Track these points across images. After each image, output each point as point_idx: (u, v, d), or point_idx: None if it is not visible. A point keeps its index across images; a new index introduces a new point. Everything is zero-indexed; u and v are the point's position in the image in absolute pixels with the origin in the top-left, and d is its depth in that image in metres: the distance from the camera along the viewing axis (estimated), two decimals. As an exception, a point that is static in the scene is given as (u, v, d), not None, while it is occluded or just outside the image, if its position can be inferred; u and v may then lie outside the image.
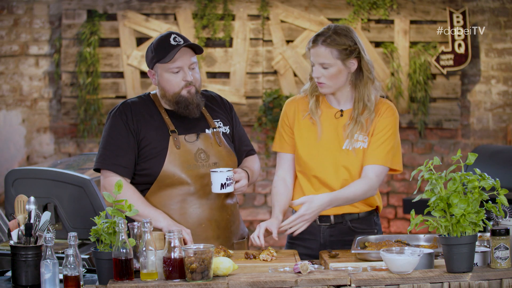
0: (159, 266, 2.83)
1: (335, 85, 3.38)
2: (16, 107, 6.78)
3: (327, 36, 3.34)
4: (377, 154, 3.38)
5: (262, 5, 6.66)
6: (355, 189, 3.35)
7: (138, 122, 3.35)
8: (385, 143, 3.39)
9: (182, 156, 3.34)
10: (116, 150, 3.33)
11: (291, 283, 2.77)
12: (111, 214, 2.83)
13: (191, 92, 3.33)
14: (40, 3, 6.74)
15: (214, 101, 3.54)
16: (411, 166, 6.82)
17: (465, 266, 2.80)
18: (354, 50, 3.35)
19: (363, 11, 6.65)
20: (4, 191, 4.29)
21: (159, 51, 3.32)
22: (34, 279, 2.82)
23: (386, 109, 3.44)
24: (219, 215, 3.40)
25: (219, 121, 3.48)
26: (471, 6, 6.76)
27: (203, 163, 3.37)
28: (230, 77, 6.67)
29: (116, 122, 3.36)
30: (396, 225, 6.84)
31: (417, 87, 6.66)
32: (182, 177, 3.34)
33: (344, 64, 3.35)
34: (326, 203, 3.30)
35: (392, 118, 3.44)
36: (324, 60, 3.33)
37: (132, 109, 3.37)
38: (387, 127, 3.41)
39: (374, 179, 3.36)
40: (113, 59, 6.67)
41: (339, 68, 3.35)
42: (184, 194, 3.36)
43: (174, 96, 3.33)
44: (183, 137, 3.37)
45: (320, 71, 3.35)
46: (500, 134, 6.84)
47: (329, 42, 3.33)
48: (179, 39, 3.31)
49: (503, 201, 2.85)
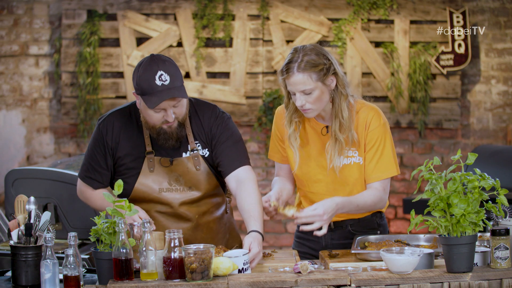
0: (159, 266, 2.83)
1: (320, 107, 3.26)
2: (16, 107, 6.78)
3: (300, 62, 3.19)
4: (378, 169, 3.32)
5: (262, 5, 6.66)
6: (364, 198, 3.31)
7: (117, 140, 3.30)
8: (382, 156, 3.31)
9: (155, 179, 3.30)
10: (95, 165, 3.33)
11: (291, 283, 2.77)
12: (111, 214, 2.83)
13: (172, 127, 3.21)
14: (40, 3, 6.74)
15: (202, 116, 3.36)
16: (411, 166, 6.82)
17: (465, 266, 2.80)
18: (329, 67, 3.22)
19: (363, 11, 6.65)
20: (4, 191, 4.29)
21: (143, 86, 3.14)
22: (34, 279, 2.82)
23: (372, 118, 3.31)
24: (192, 235, 3.33)
25: (198, 143, 3.33)
26: (471, 6, 6.76)
27: (177, 187, 3.31)
28: (230, 77, 6.67)
29: (98, 136, 3.33)
30: (396, 225, 6.84)
31: (417, 87, 6.65)
32: (153, 198, 3.31)
33: (325, 84, 3.22)
34: (341, 203, 3.21)
35: (379, 127, 3.31)
36: (305, 87, 3.19)
37: (114, 125, 3.31)
38: (379, 139, 3.31)
39: (382, 192, 3.34)
40: (113, 59, 6.67)
41: (321, 90, 3.22)
42: (154, 211, 3.33)
43: (155, 128, 3.22)
44: (158, 159, 3.30)
45: (303, 99, 3.21)
46: (500, 134, 6.84)
47: (304, 67, 3.18)
48: (165, 77, 3.12)
49: (503, 201, 2.85)
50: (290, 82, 3.22)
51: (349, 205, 3.27)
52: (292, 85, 3.22)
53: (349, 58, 6.64)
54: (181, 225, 3.31)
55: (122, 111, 3.36)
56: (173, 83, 3.13)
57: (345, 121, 3.27)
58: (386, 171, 3.32)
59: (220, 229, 3.46)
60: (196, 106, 3.37)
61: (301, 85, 3.20)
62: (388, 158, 3.32)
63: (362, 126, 3.32)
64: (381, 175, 3.32)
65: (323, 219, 3.15)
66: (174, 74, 3.15)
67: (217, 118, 3.35)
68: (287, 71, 3.21)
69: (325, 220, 3.15)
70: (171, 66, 3.16)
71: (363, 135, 3.32)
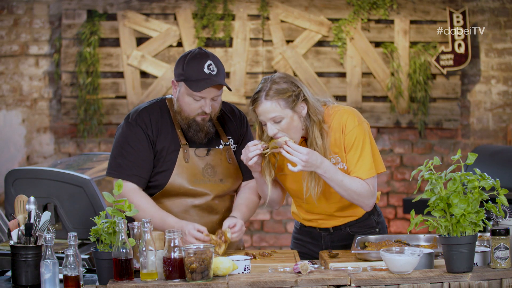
0: (159, 266, 2.83)
1: (294, 135, 3.22)
2: (16, 107, 6.78)
3: (268, 90, 3.17)
4: (360, 170, 3.27)
5: (262, 5, 6.66)
6: (351, 180, 3.24)
7: (156, 134, 3.34)
8: (362, 156, 3.27)
9: (189, 170, 3.34)
10: (137, 161, 3.31)
11: (291, 283, 2.77)
12: (111, 214, 2.83)
13: (205, 120, 3.31)
14: (40, 3, 6.74)
15: (231, 114, 3.49)
16: (411, 166, 6.82)
17: (465, 266, 2.80)
18: (299, 93, 3.20)
19: (363, 11, 6.65)
20: (4, 191, 4.29)
21: (190, 72, 3.25)
22: (34, 279, 2.82)
23: (346, 120, 3.28)
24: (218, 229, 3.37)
25: (231, 138, 3.45)
26: (471, 6, 6.76)
27: (209, 179, 3.37)
28: (230, 77, 6.67)
29: (136, 130, 3.33)
30: (396, 225, 6.84)
31: (417, 87, 6.65)
32: (187, 191, 3.34)
33: (295, 111, 3.20)
34: (328, 165, 3.18)
35: (355, 128, 3.28)
36: (274, 114, 3.17)
37: (151, 118, 3.35)
38: (356, 140, 3.27)
39: (372, 189, 3.30)
40: (113, 59, 6.67)
41: (291, 118, 3.19)
42: (187, 206, 3.37)
43: (188, 119, 3.31)
44: (193, 151, 3.36)
45: (274, 128, 3.19)
46: (500, 134, 6.84)
47: (272, 95, 3.17)
48: (213, 67, 3.24)
49: (503, 201, 2.85)
50: (259, 111, 3.20)
51: (335, 174, 3.20)
52: (261, 114, 3.20)
53: (349, 58, 6.64)
54: (211, 218, 3.39)
55: (152, 107, 3.40)
56: (219, 74, 3.26)
57: (320, 149, 3.24)
58: (367, 171, 3.27)
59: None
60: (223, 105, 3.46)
61: (270, 113, 3.18)
62: (367, 158, 3.27)
63: (338, 131, 3.28)
64: (364, 176, 3.27)
65: (302, 158, 3.13)
66: (221, 68, 3.29)
67: (242, 117, 3.51)
68: (255, 100, 3.20)
69: (303, 161, 3.13)
70: (218, 61, 3.30)
71: (341, 139, 3.29)
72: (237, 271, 2.90)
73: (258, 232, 6.69)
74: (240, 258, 2.99)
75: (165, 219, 3.25)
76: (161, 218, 3.25)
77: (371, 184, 3.29)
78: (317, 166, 3.17)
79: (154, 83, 6.65)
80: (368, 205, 3.32)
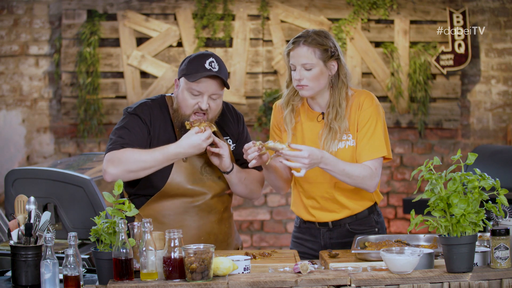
0: (159, 266, 2.83)
1: (316, 87, 3.33)
2: (16, 107, 6.78)
3: (308, 37, 3.32)
4: (369, 149, 3.34)
5: (262, 5, 6.66)
6: (352, 167, 3.29)
7: (154, 128, 3.32)
8: (373, 135, 3.34)
9: (188, 169, 3.33)
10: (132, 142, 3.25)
11: (291, 283, 2.77)
12: (111, 214, 2.83)
13: (200, 120, 3.28)
14: (40, 3, 6.74)
15: (228, 113, 3.48)
16: (411, 166, 6.82)
17: (465, 266, 2.80)
18: (334, 52, 3.34)
19: (363, 11, 6.65)
20: (4, 191, 4.29)
21: (190, 67, 3.27)
22: (34, 279, 2.82)
23: (364, 99, 3.38)
24: (218, 228, 3.40)
25: (229, 138, 3.44)
26: (471, 6, 6.76)
27: (207, 177, 3.36)
28: (230, 77, 6.67)
29: (135, 119, 3.30)
30: (396, 225, 6.84)
31: (417, 87, 6.66)
32: (186, 191, 3.33)
33: (326, 66, 3.32)
34: (327, 157, 3.22)
35: (372, 108, 3.36)
36: (307, 61, 3.30)
37: (151, 112, 3.33)
38: (371, 119, 3.35)
39: (374, 170, 3.33)
40: (113, 59, 6.67)
41: (321, 69, 3.32)
42: (185, 206, 3.36)
43: (183, 117, 3.29)
44: None
45: (302, 73, 3.31)
46: (500, 134, 6.84)
47: (311, 42, 3.31)
48: (214, 65, 3.26)
49: (503, 201, 2.85)
50: (294, 54, 3.32)
51: (336, 165, 3.25)
52: (295, 57, 3.32)
53: (349, 58, 6.64)
54: (210, 218, 3.38)
55: (153, 103, 3.37)
56: (220, 72, 3.26)
57: (342, 110, 3.33)
58: (376, 151, 3.33)
59: (233, 224, 3.54)
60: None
61: (303, 58, 3.30)
62: (379, 138, 3.34)
63: (355, 108, 3.37)
64: (372, 154, 3.33)
65: (304, 162, 3.16)
66: (223, 67, 3.30)
67: (238, 115, 3.52)
68: (293, 43, 3.34)
69: (306, 164, 3.16)
70: (221, 62, 3.31)
71: (356, 116, 3.36)
72: (237, 271, 2.90)
73: (258, 232, 6.69)
74: (240, 258, 2.99)
75: (164, 149, 3.20)
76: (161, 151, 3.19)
77: (373, 167, 3.33)
78: (319, 161, 3.21)
79: (154, 83, 6.65)
80: (371, 186, 3.35)
